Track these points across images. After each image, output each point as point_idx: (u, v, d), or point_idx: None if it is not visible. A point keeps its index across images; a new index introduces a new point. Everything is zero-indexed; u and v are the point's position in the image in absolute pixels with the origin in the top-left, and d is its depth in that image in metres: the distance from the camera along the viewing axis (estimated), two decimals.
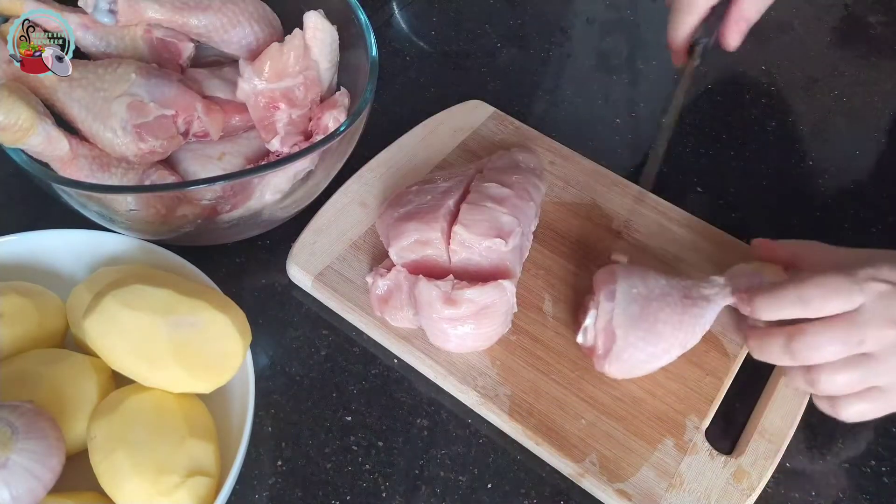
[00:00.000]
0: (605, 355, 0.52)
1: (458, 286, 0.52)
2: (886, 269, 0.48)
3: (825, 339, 0.47)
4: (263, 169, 0.54)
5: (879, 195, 0.72)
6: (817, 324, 0.48)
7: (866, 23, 0.90)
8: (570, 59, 0.83)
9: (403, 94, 0.77)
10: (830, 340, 0.47)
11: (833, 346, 0.47)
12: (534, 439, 0.52)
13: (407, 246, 0.55)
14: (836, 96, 0.80)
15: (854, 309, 0.47)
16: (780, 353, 0.49)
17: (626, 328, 0.51)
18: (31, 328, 0.50)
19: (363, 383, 0.56)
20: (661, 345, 0.51)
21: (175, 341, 0.46)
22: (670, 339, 0.51)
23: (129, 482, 0.43)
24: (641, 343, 0.51)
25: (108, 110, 0.53)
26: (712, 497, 0.50)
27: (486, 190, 0.57)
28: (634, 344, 0.51)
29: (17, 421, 0.41)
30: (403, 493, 0.51)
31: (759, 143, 0.76)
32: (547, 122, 0.73)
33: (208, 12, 0.58)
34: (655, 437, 0.52)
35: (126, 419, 0.45)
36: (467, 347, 0.55)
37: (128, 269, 0.53)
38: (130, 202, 0.53)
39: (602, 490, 0.50)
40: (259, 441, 0.53)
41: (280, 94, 0.58)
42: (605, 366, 0.52)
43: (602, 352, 0.52)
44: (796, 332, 0.48)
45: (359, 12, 0.61)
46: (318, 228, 0.62)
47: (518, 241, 0.56)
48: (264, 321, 0.58)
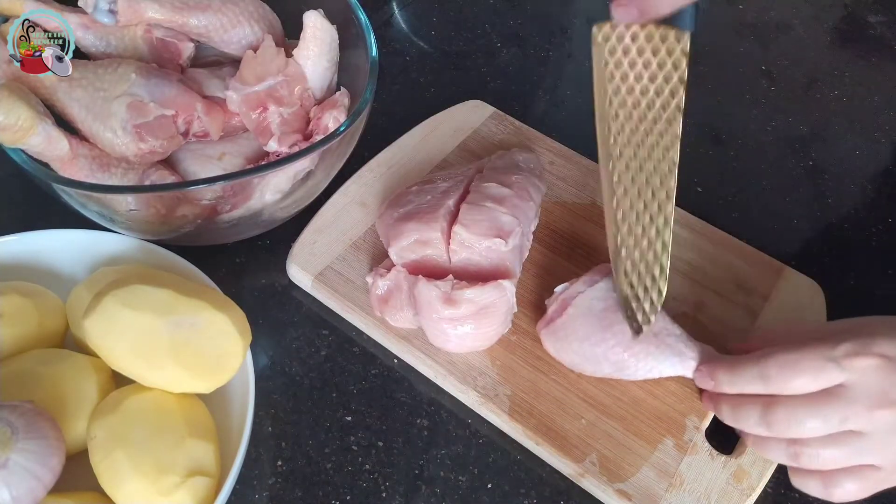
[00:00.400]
0: (547, 323, 0.53)
1: (457, 286, 0.52)
2: (881, 341, 0.45)
3: (803, 414, 0.45)
4: (263, 169, 0.54)
5: (879, 195, 0.72)
6: (797, 397, 0.46)
7: (866, 23, 0.90)
8: (570, 59, 0.83)
9: (403, 94, 0.77)
10: (809, 415, 0.45)
11: (812, 422, 0.45)
12: (534, 439, 0.52)
13: (407, 246, 0.55)
14: (836, 96, 0.80)
15: (838, 384, 0.45)
16: (756, 423, 0.47)
17: (581, 314, 0.52)
18: (31, 328, 0.50)
19: (363, 383, 0.56)
20: (596, 349, 0.51)
21: (175, 341, 0.46)
22: (608, 354, 0.51)
23: (129, 482, 0.43)
24: (581, 333, 0.52)
25: (108, 110, 0.53)
26: (712, 497, 0.50)
27: (486, 190, 0.57)
28: (575, 331, 0.52)
29: (17, 421, 0.41)
30: (403, 493, 0.51)
31: (759, 143, 0.76)
32: (547, 122, 0.73)
33: (208, 12, 0.58)
34: (655, 437, 0.52)
35: (126, 419, 0.45)
36: (467, 347, 0.55)
37: (128, 269, 0.53)
38: (130, 202, 0.53)
39: (602, 490, 0.50)
40: (259, 441, 0.53)
41: (265, 94, 0.58)
42: (542, 331, 0.54)
43: (548, 317, 0.53)
44: (773, 402, 0.46)
45: (359, 12, 0.61)
46: (318, 228, 0.62)
47: (518, 241, 0.56)
48: (264, 321, 0.58)
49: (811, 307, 0.59)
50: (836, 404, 0.45)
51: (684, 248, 0.63)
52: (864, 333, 0.45)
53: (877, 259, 0.67)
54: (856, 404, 0.44)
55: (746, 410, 0.48)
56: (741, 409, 0.48)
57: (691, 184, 0.71)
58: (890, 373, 0.44)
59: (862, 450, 0.45)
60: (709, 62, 0.83)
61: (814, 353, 0.45)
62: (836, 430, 0.45)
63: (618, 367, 0.52)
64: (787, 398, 0.46)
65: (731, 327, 0.58)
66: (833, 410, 0.45)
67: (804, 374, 0.45)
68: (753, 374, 0.47)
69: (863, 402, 0.44)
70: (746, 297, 0.60)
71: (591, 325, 0.52)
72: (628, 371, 0.52)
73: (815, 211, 0.70)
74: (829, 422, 0.45)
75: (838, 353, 0.45)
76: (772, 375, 0.46)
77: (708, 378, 0.50)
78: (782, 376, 0.46)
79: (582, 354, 0.52)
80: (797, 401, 0.46)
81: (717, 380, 0.49)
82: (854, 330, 0.46)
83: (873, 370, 0.44)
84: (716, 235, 0.64)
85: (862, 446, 0.45)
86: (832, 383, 0.45)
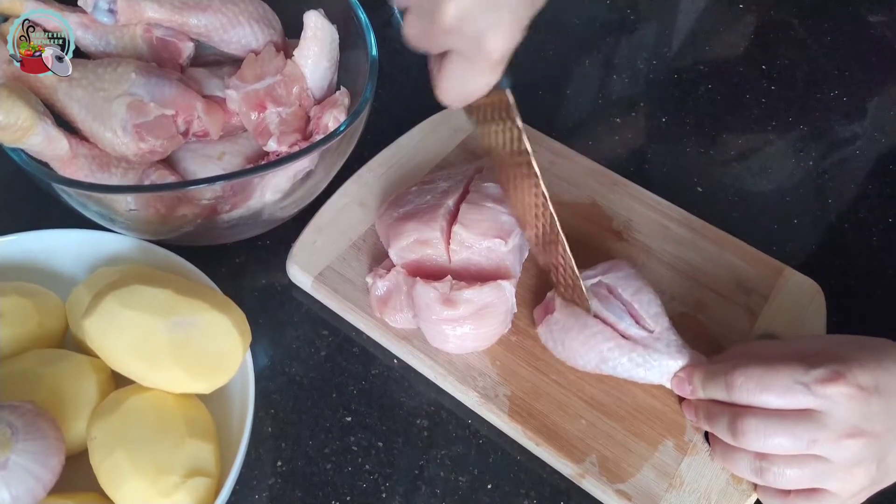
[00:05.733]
0: (542, 317, 0.55)
1: (456, 287, 0.52)
2: (856, 369, 0.44)
3: (773, 429, 0.45)
4: (263, 169, 0.54)
5: (880, 195, 0.72)
6: (769, 411, 0.46)
7: (866, 23, 0.90)
8: (570, 59, 0.83)
9: (403, 94, 0.77)
10: (779, 431, 0.45)
11: (781, 438, 0.45)
12: (534, 440, 0.52)
13: (406, 246, 0.55)
14: (836, 96, 0.80)
15: (811, 408, 0.45)
16: (725, 429, 0.47)
17: (567, 305, 0.54)
18: (31, 328, 0.50)
19: (363, 383, 0.56)
20: (582, 343, 0.52)
21: (175, 341, 0.46)
22: (592, 344, 0.52)
23: (129, 482, 0.43)
24: (568, 324, 0.53)
25: (108, 110, 0.53)
26: (712, 497, 0.50)
27: (485, 190, 0.57)
28: (563, 323, 0.53)
29: (17, 421, 0.41)
30: (403, 493, 0.51)
31: (760, 143, 0.76)
32: (547, 122, 0.73)
33: (208, 12, 0.58)
34: (655, 437, 0.52)
35: (126, 419, 0.45)
36: (467, 348, 0.55)
37: (128, 269, 0.53)
38: (130, 202, 0.53)
39: (602, 490, 0.50)
40: (259, 441, 0.53)
41: (263, 93, 0.58)
42: (538, 327, 0.55)
43: (542, 312, 0.55)
44: (742, 412, 0.46)
45: (359, 12, 0.61)
46: (318, 228, 0.62)
47: (518, 241, 0.56)
48: (264, 321, 0.58)
49: (811, 307, 0.59)
50: (807, 426, 0.44)
51: (685, 248, 0.63)
52: (838, 358, 0.45)
53: (877, 259, 0.67)
54: (826, 430, 0.44)
55: (719, 416, 0.48)
56: (714, 413, 0.49)
57: (692, 184, 0.71)
58: (862, 403, 0.44)
59: (824, 474, 0.45)
60: (709, 62, 0.83)
61: (784, 373, 0.45)
62: (804, 452, 0.45)
63: (602, 359, 0.52)
64: (760, 411, 0.46)
65: (731, 327, 0.58)
66: (804, 431, 0.44)
67: (770, 392, 0.45)
68: (720, 382, 0.47)
69: (833, 429, 0.44)
70: (746, 297, 0.60)
71: (576, 317, 0.53)
72: (611, 363, 0.52)
73: (815, 211, 0.70)
74: (798, 441, 0.45)
75: (809, 378, 0.45)
76: (736, 385, 0.46)
77: (685, 382, 0.51)
78: (746, 388, 0.46)
79: (571, 348, 0.53)
80: (769, 414, 0.46)
81: (693, 384, 0.50)
82: (829, 353, 0.46)
83: (846, 399, 0.44)
84: (716, 235, 0.64)
85: (825, 471, 0.45)
86: (801, 406, 0.45)
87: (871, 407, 0.44)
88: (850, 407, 0.44)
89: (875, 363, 0.45)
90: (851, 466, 0.45)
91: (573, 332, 0.53)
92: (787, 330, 0.58)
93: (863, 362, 0.45)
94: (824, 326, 0.58)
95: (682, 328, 0.54)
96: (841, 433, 0.44)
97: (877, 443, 0.44)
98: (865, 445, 0.44)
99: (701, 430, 0.52)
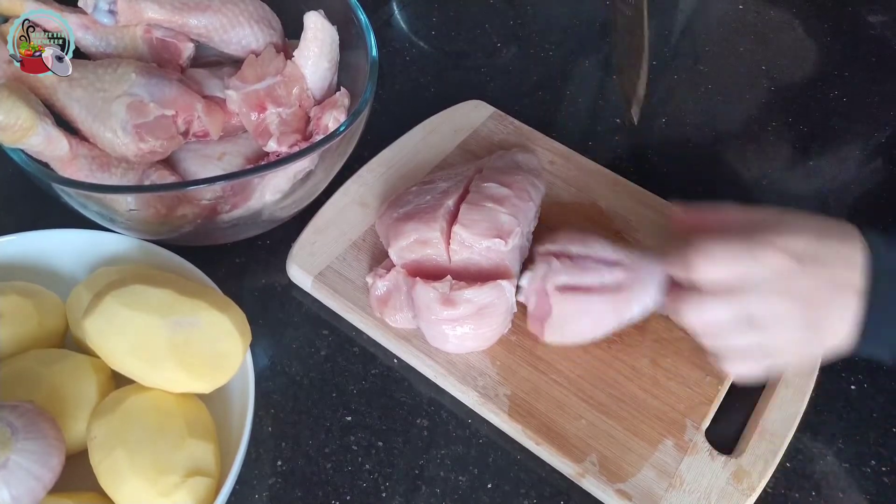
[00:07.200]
0: (537, 319, 0.54)
1: (456, 287, 0.52)
2: (792, 239, 0.47)
3: (708, 304, 0.48)
4: (263, 169, 0.54)
5: (880, 196, 0.72)
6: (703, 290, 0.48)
7: (866, 23, 0.90)
8: (570, 59, 0.83)
9: (403, 94, 0.77)
10: (713, 305, 0.48)
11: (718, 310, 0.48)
12: (534, 439, 0.52)
13: (406, 246, 0.55)
14: (836, 96, 0.80)
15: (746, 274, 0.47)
16: (670, 307, 0.51)
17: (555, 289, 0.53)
18: (31, 328, 0.50)
19: (363, 383, 0.56)
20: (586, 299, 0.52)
21: (175, 341, 0.46)
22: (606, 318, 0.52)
23: (129, 482, 0.43)
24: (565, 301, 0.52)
25: (108, 110, 0.53)
26: (712, 497, 0.50)
27: (485, 190, 0.57)
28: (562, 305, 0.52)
29: (17, 421, 0.41)
30: (403, 493, 0.51)
31: (759, 143, 0.76)
32: (547, 122, 0.73)
33: (208, 12, 0.58)
34: (655, 437, 0.52)
35: (126, 419, 0.45)
36: (466, 348, 0.55)
37: (128, 269, 0.53)
38: (130, 202, 0.53)
39: (602, 490, 0.50)
40: (259, 441, 0.53)
41: (264, 93, 0.58)
42: (538, 329, 0.54)
43: (533, 314, 0.54)
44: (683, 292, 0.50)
45: (359, 12, 0.61)
46: (318, 228, 0.62)
47: (518, 242, 0.56)
48: (264, 321, 0.58)
49: None
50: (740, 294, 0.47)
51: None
52: (781, 228, 0.48)
53: None
54: (757, 291, 0.47)
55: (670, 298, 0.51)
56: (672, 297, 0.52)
57: (692, 183, 0.71)
58: (792, 267, 0.47)
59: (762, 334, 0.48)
60: (709, 62, 0.83)
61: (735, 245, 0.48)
62: (739, 315, 0.48)
63: (619, 321, 0.52)
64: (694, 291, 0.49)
65: None
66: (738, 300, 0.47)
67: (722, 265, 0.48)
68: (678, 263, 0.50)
69: (763, 290, 0.47)
70: None
71: (573, 303, 0.52)
72: (626, 317, 0.52)
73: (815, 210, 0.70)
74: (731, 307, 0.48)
75: (756, 244, 0.48)
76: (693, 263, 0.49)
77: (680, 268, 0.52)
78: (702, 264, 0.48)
79: (584, 332, 0.53)
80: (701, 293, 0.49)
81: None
82: (774, 224, 0.49)
83: (776, 263, 0.47)
84: None
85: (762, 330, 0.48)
86: (745, 273, 0.47)
87: (804, 272, 0.47)
88: (780, 271, 0.47)
89: (815, 237, 0.48)
90: (784, 326, 0.47)
91: (577, 320, 0.52)
92: None
93: (801, 234, 0.48)
94: None
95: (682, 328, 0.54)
96: (770, 292, 0.47)
97: (807, 305, 0.47)
98: (795, 306, 0.47)
99: (701, 430, 0.52)
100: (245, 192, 0.56)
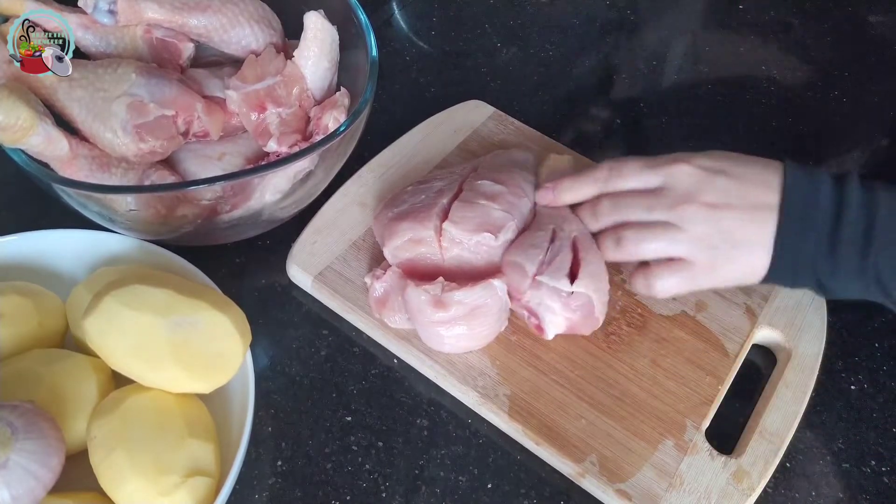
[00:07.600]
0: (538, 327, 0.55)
1: (447, 288, 0.52)
2: (700, 157, 0.52)
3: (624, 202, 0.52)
4: (263, 169, 0.54)
5: None
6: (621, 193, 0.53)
7: (866, 23, 0.90)
8: (571, 59, 0.83)
9: (403, 94, 0.77)
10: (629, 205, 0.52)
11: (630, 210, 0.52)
12: (534, 439, 0.52)
13: (401, 245, 0.55)
14: (836, 96, 0.80)
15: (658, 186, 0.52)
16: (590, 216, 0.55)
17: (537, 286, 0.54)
18: (31, 328, 0.50)
19: (363, 383, 0.56)
20: None
21: (175, 341, 0.46)
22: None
23: (129, 482, 0.43)
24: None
25: (108, 110, 0.53)
26: (712, 497, 0.50)
27: (479, 188, 0.57)
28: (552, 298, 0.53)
29: (17, 421, 0.41)
30: (403, 493, 0.51)
31: (760, 143, 0.76)
32: (547, 123, 0.73)
33: (208, 12, 0.58)
34: (655, 437, 0.52)
35: (126, 419, 0.45)
36: (463, 348, 0.55)
37: (128, 269, 0.53)
38: (130, 202, 0.53)
39: (602, 490, 0.50)
40: (259, 441, 0.53)
41: (264, 93, 0.58)
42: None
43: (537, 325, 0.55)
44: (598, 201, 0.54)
45: (359, 12, 0.61)
46: (318, 228, 0.62)
47: (510, 237, 0.55)
48: (264, 321, 0.58)
49: (811, 307, 0.59)
50: (648, 196, 0.52)
51: None
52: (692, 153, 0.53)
53: None
54: (664, 198, 0.51)
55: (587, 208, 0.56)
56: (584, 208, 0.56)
57: None
58: (699, 178, 0.51)
59: (673, 241, 0.51)
60: (709, 62, 0.83)
61: (638, 161, 0.53)
62: (647, 219, 0.51)
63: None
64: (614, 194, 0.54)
65: (731, 327, 0.58)
66: (644, 199, 0.52)
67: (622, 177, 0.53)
68: (587, 179, 0.55)
69: (669, 196, 0.51)
70: (746, 297, 0.60)
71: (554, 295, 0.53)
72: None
73: None
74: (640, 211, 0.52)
75: (660, 161, 0.52)
76: (600, 178, 0.54)
77: (550, 192, 0.57)
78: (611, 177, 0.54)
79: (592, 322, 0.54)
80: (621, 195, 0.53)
81: (559, 189, 0.56)
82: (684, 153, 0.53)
83: (684, 174, 0.51)
84: None
85: (673, 237, 0.51)
86: (651, 184, 0.52)
87: (713, 182, 0.50)
88: (687, 180, 0.51)
89: (724, 157, 0.52)
90: (692, 227, 0.50)
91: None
92: (786, 330, 0.58)
93: (711, 155, 0.52)
94: (824, 326, 0.58)
95: (682, 328, 0.54)
96: (676, 199, 0.50)
97: (716, 212, 0.50)
98: (702, 212, 0.50)
99: (701, 430, 0.52)
100: (245, 193, 0.56)
